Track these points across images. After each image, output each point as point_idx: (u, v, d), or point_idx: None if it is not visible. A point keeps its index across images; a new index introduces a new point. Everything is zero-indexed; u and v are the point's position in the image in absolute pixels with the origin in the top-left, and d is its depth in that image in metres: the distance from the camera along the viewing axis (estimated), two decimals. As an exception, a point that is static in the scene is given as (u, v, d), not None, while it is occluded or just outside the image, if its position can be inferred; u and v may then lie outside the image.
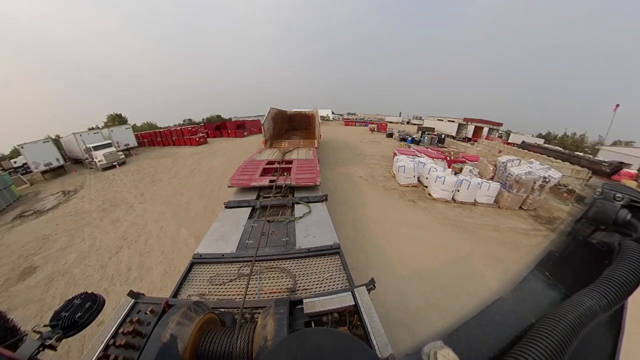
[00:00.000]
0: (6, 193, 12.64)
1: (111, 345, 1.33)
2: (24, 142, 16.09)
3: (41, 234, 8.33)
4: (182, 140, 24.41)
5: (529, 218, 8.13)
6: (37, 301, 5.14)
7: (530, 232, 7.19)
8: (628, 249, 0.75)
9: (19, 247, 7.63)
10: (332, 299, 1.67)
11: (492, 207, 8.67)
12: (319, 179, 5.18)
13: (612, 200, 0.88)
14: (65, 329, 1.11)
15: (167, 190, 11.32)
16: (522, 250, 6.19)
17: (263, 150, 9.54)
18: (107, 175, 15.46)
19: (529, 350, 0.56)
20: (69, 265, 6.25)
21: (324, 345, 0.62)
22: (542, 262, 1.01)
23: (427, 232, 6.83)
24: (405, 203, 8.83)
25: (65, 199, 11.95)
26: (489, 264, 5.47)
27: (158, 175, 14.11)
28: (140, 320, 1.46)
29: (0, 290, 5.64)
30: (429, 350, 0.64)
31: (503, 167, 9.36)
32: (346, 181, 10.98)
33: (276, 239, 3.14)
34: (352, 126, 39.42)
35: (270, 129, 11.55)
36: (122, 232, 7.67)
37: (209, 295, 2.25)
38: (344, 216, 7.55)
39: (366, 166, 13.59)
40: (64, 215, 9.93)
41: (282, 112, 15.47)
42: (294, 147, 9.83)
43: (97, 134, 19.60)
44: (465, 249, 6.05)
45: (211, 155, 18.27)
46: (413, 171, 10.31)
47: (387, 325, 3.79)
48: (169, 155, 19.64)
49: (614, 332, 0.74)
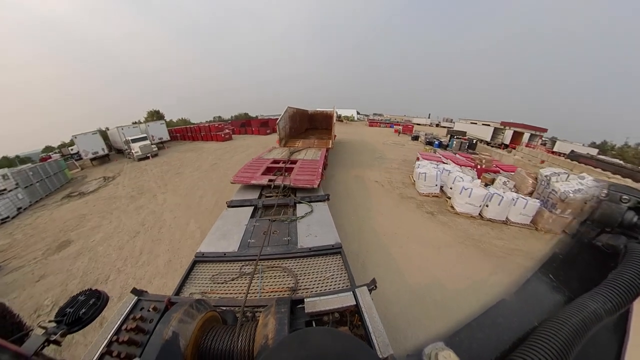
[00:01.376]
0: (61, 175, 15.44)
1: (114, 341, 1.38)
2: (79, 132, 18.90)
3: (80, 213, 9.55)
4: (210, 136, 25.92)
5: (575, 247, 7.01)
6: (65, 271, 5.85)
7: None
8: (634, 252, 0.74)
9: (62, 223, 8.82)
10: (333, 298, 1.67)
11: (527, 229, 7.37)
12: (317, 181, 4.95)
13: (619, 202, 0.87)
14: (69, 325, 1.15)
15: (187, 182, 12.05)
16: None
17: (274, 148, 9.54)
18: (141, 165, 17.12)
19: (531, 354, 0.55)
20: (95, 243, 6.98)
21: (324, 345, 0.61)
22: (546, 265, 1.00)
23: (443, 254, 5.77)
24: (422, 215, 7.99)
25: (105, 184, 13.62)
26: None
27: (183, 168, 15.16)
28: (143, 317, 1.50)
29: (42, 258, 6.53)
30: (430, 352, 0.65)
31: (546, 182, 7.79)
32: (360, 186, 10.47)
33: (278, 238, 3.16)
34: (377, 127, 38.22)
35: (286, 128, 11.61)
36: (142, 219, 8.35)
37: (211, 293, 2.31)
38: (350, 226, 6.93)
39: (385, 170, 12.98)
40: (101, 198, 11.17)
41: (302, 112, 15.50)
42: (306, 147, 9.72)
43: (136, 128, 21.97)
44: (490, 281, 4.82)
45: (233, 151, 19.12)
46: (435, 179, 9.38)
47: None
48: (196, 150, 20.95)
49: (619, 337, 0.73)
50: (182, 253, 6.11)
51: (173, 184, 11.93)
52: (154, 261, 5.90)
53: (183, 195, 10.23)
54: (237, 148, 20.43)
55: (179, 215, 8.35)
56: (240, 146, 21.34)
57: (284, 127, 11.15)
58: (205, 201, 9.41)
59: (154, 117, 42.11)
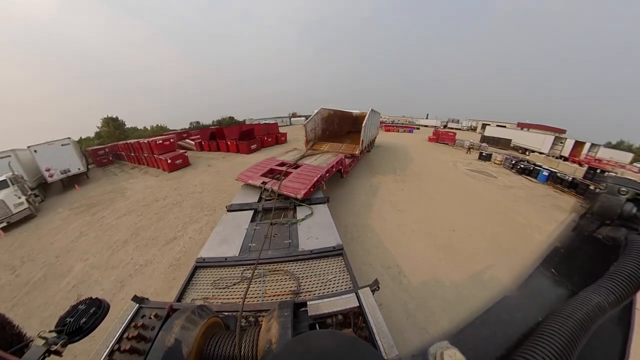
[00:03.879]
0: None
1: (116, 350, 1.36)
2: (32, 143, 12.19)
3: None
4: (153, 160, 15.61)
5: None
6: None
7: None
8: (635, 243, 0.75)
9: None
10: (336, 300, 1.66)
11: None
12: (303, 192, 4.46)
13: (617, 194, 0.88)
14: (70, 335, 1.14)
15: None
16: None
17: (295, 149, 9.19)
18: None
19: (537, 349, 0.55)
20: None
21: (329, 348, 0.61)
22: (548, 259, 1.00)
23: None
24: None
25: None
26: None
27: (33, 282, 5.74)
28: (145, 324, 1.49)
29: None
30: (435, 351, 0.65)
31: None
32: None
33: (279, 242, 3.15)
34: (395, 132, 32.53)
35: (316, 130, 11.12)
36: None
37: (212, 299, 2.29)
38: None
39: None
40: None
41: (342, 113, 14.07)
42: (325, 152, 9.40)
43: (4, 159, 11.10)
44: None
45: (166, 213, 8.77)
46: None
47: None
48: (108, 201, 10.87)
49: (624, 329, 0.73)
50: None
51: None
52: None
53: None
54: (182, 197, 10.22)
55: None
56: (187, 192, 10.66)
57: (313, 129, 10.91)
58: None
59: (109, 125, 35.41)
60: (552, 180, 12.26)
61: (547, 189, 11.74)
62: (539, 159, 18.23)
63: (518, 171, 13.96)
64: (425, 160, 15.94)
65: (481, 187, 11.26)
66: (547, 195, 10.80)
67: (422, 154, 17.86)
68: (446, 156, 17.99)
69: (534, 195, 10.71)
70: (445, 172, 13.43)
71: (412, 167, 13.99)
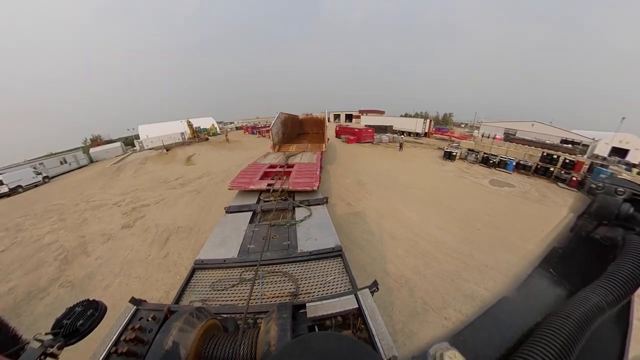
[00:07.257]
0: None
1: (113, 353, 1.34)
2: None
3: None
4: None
5: None
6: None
7: None
8: (632, 243, 0.75)
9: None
10: (335, 302, 1.65)
11: None
12: (317, 184, 5.07)
13: (614, 195, 0.88)
14: (67, 337, 1.12)
15: None
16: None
17: (268, 154, 9.69)
18: None
19: (536, 350, 0.55)
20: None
21: (328, 350, 0.61)
22: (546, 259, 1.01)
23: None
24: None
25: None
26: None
27: None
28: (142, 327, 1.47)
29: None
30: (435, 352, 0.65)
31: None
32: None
33: (277, 243, 3.15)
34: (359, 144, 22.11)
35: (279, 133, 11.90)
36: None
37: (211, 301, 2.28)
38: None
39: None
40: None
41: (293, 117, 15.86)
42: (300, 151, 9.91)
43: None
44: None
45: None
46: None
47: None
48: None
49: (622, 328, 0.73)
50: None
51: None
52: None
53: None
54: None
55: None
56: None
57: (277, 133, 11.67)
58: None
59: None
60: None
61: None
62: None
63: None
64: (377, 176, 12.12)
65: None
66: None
67: (357, 162, 15.08)
68: (389, 161, 15.42)
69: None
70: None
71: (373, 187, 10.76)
